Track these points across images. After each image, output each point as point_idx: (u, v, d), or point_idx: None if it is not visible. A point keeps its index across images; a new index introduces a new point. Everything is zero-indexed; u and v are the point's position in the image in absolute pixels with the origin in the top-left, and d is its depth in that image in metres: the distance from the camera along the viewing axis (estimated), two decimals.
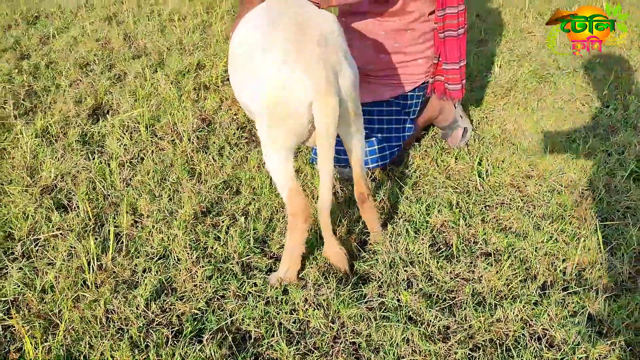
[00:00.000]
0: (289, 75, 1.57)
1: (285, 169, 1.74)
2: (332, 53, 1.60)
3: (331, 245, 1.82)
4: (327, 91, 1.55)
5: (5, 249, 2.01)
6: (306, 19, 1.68)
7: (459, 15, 2.22)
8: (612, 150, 2.50)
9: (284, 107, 1.61)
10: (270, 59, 1.63)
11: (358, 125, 1.79)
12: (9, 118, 2.84)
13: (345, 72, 1.63)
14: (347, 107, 1.67)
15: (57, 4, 4.66)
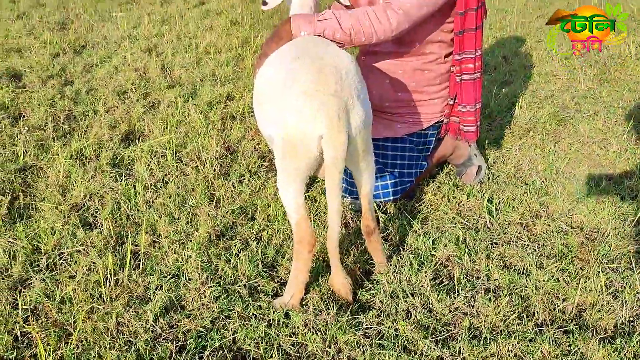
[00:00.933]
0: (304, 109, 1.66)
1: (295, 198, 1.82)
2: (346, 91, 1.69)
3: (337, 274, 1.88)
4: (337, 127, 1.63)
5: (31, 261, 2.15)
6: (325, 58, 1.78)
7: (475, 59, 2.30)
8: (625, 195, 2.51)
9: (296, 139, 1.70)
10: (288, 93, 1.73)
11: (367, 162, 1.86)
12: (48, 139, 3.03)
13: (357, 110, 1.72)
14: (356, 144, 1.75)
15: (103, 35, 4.96)
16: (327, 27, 1.99)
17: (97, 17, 5.49)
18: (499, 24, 5.24)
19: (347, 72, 1.73)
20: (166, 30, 5.05)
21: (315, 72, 1.69)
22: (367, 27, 2.02)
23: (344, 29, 2.00)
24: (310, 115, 1.64)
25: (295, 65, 1.76)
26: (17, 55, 4.36)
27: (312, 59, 1.76)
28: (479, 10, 2.21)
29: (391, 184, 2.41)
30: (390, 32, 2.04)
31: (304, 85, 1.67)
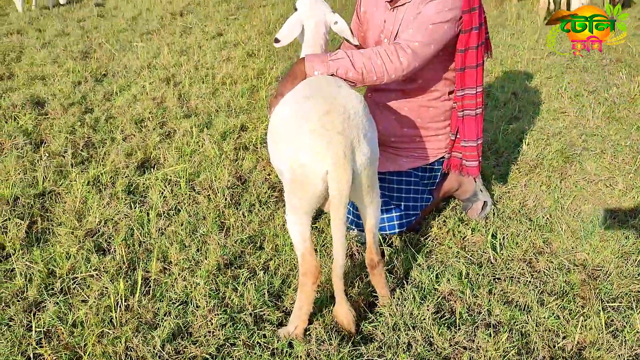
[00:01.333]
0: (312, 146, 1.75)
1: (301, 231, 1.89)
2: (352, 131, 1.77)
3: (341, 305, 1.93)
4: (342, 164, 1.71)
5: (46, 285, 2.22)
6: (335, 98, 1.87)
7: (477, 95, 2.37)
8: (630, 234, 2.54)
9: (304, 174, 1.78)
10: (298, 131, 1.81)
11: (372, 197, 1.93)
12: (66, 166, 3.14)
13: (362, 149, 1.79)
14: (361, 180, 1.82)
15: (124, 64, 5.13)
16: (340, 67, 2.07)
17: (119, 47, 5.68)
18: (510, 60, 5.33)
19: (355, 112, 1.81)
20: (184, 60, 5.20)
21: (324, 112, 1.77)
22: (379, 66, 2.10)
23: (356, 68, 2.08)
24: (318, 152, 1.72)
25: (307, 104, 1.85)
26: (41, 82, 4.52)
27: (323, 98, 1.85)
28: (480, 48, 2.29)
29: (396, 217, 2.47)
30: (402, 71, 2.12)
31: (313, 124, 1.76)
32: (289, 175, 1.86)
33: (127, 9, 7.44)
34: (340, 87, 2.00)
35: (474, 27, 2.22)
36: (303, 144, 1.76)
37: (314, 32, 2.31)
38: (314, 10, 2.32)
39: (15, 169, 3.04)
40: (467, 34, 2.24)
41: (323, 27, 2.32)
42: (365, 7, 2.55)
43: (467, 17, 2.20)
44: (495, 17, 7.17)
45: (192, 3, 7.88)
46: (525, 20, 7.06)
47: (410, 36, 2.14)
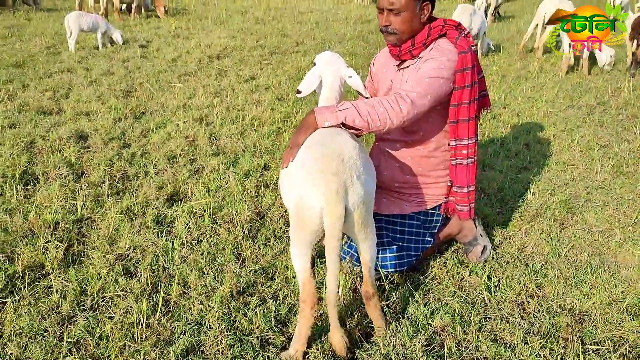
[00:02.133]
0: (310, 185, 2.00)
1: (301, 262, 2.12)
2: (346, 173, 2.01)
3: (335, 331, 2.13)
4: (335, 200, 1.94)
5: (78, 301, 2.49)
6: (333, 144, 2.12)
7: (468, 147, 2.59)
8: (619, 283, 2.68)
9: (303, 210, 2.02)
10: (299, 173, 2.08)
11: (366, 234, 2.14)
12: (103, 196, 3.45)
13: (355, 189, 2.02)
14: (354, 217, 2.04)
15: (162, 103, 5.52)
16: (347, 115, 2.31)
17: (158, 87, 6.09)
18: (527, 112, 5.53)
19: (349, 157, 2.05)
20: (217, 102, 5.56)
21: (320, 156, 2.04)
22: (382, 113, 2.33)
23: (362, 116, 2.31)
24: (314, 190, 1.97)
25: (308, 151, 2.12)
26: (85, 118, 4.92)
27: (321, 146, 2.11)
28: (472, 104, 2.51)
29: (398, 256, 2.67)
30: (402, 118, 2.34)
31: (310, 167, 2.02)
32: (293, 212, 2.11)
33: (168, 52, 7.94)
34: (339, 134, 2.22)
35: (467, 85, 2.46)
36: (302, 184, 2.02)
37: (330, 85, 2.58)
38: (330, 65, 2.60)
39: (58, 197, 3.36)
40: (461, 91, 2.48)
41: (338, 81, 2.58)
42: (377, 68, 2.83)
43: (460, 76, 2.45)
44: (518, 69, 7.41)
45: (229, 47, 8.34)
46: (547, 74, 7.26)
47: (410, 87, 2.39)
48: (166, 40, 8.95)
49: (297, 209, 2.06)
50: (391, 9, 2.48)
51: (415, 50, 2.53)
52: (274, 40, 9.08)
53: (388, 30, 2.54)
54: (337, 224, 1.95)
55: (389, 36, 2.56)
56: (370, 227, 2.15)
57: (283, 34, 9.81)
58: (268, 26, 10.79)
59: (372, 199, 2.17)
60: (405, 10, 2.48)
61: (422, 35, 2.51)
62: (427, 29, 2.51)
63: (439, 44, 2.51)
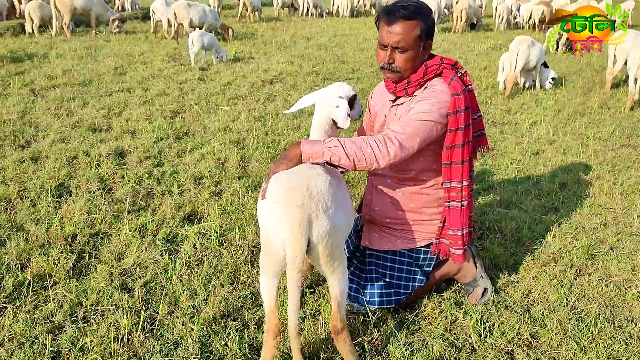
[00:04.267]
0: (274, 216, 2.02)
1: (267, 291, 2.14)
2: (311, 206, 2.01)
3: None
4: (297, 232, 1.95)
5: (72, 312, 2.61)
6: (302, 176, 2.13)
7: (462, 189, 2.51)
8: (622, 339, 2.49)
9: (268, 240, 2.05)
10: (267, 204, 2.10)
11: (334, 268, 2.11)
12: (123, 212, 3.62)
13: (321, 222, 2.01)
14: (319, 250, 2.03)
15: (205, 125, 5.72)
16: (333, 154, 2.29)
17: (206, 109, 6.33)
18: (574, 150, 5.28)
19: (317, 191, 2.05)
20: (258, 125, 5.70)
21: (287, 188, 2.05)
22: (369, 154, 2.31)
23: (348, 156, 2.29)
24: (278, 221, 1.99)
25: (277, 181, 2.14)
26: (129, 136, 5.19)
27: (290, 178, 2.12)
28: (466, 146, 2.43)
29: (385, 293, 2.62)
30: (389, 160, 2.32)
31: (276, 198, 2.04)
32: (262, 242, 2.12)
33: (225, 75, 8.24)
34: (313, 168, 2.21)
35: (460, 127, 2.39)
36: (269, 214, 2.04)
37: (320, 114, 2.58)
38: (327, 94, 2.59)
39: (81, 210, 3.56)
40: (454, 133, 2.41)
41: (327, 111, 2.57)
42: (374, 102, 2.82)
43: (453, 119, 2.38)
44: (576, 104, 7.09)
45: (285, 72, 8.54)
46: (609, 110, 6.91)
47: (399, 129, 2.36)
48: (226, 64, 9.29)
49: (263, 238, 2.09)
50: (396, 47, 2.46)
51: (410, 88, 2.50)
52: (330, 67, 9.21)
53: (391, 68, 2.50)
54: (297, 255, 1.95)
55: (391, 73, 2.53)
56: (339, 261, 2.13)
57: (342, 61, 9.93)
58: (329, 52, 10.96)
59: (342, 233, 2.15)
60: (411, 50, 2.45)
61: (418, 74, 2.48)
62: (424, 67, 2.48)
63: (432, 84, 2.46)
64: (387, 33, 2.45)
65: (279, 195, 2.06)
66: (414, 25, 2.41)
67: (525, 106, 7.09)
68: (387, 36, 2.45)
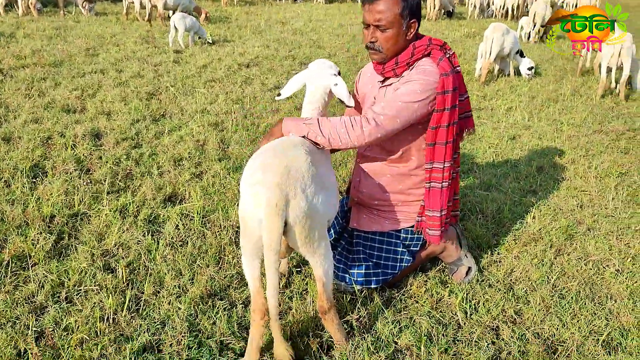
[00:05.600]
0: (251, 195, 1.97)
1: (250, 271, 2.10)
2: (290, 185, 1.96)
3: (279, 344, 2.09)
4: (272, 212, 1.89)
5: (53, 293, 2.55)
6: (283, 155, 2.08)
7: (444, 170, 2.51)
8: (603, 315, 2.56)
9: (245, 220, 2.01)
10: (245, 181, 2.06)
11: (314, 249, 2.08)
12: (102, 193, 3.54)
13: (298, 203, 1.95)
14: (295, 231, 1.99)
15: (181, 107, 5.63)
16: (310, 131, 2.31)
17: (183, 91, 6.23)
18: (549, 135, 5.37)
19: (297, 170, 1.99)
20: (236, 108, 5.64)
21: (265, 166, 2.00)
22: (342, 133, 2.31)
23: (323, 134, 2.30)
24: (254, 200, 1.94)
25: (256, 160, 2.10)
26: (105, 118, 5.07)
27: (271, 156, 2.08)
28: (451, 127, 2.44)
29: (373, 272, 2.63)
30: (363, 140, 2.32)
31: (255, 177, 1.99)
32: (240, 221, 2.08)
33: (200, 58, 8.11)
34: (295, 147, 2.17)
35: (447, 108, 2.40)
36: (246, 194, 2.00)
37: (313, 94, 2.56)
38: (318, 73, 2.56)
39: (58, 191, 3.47)
40: (440, 113, 2.41)
41: (322, 90, 2.55)
42: (363, 83, 2.80)
43: (440, 98, 2.39)
44: (549, 91, 7.21)
45: (261, 56, 8.46)
46: (581, 97, 7.05)
47: (379, 109, 2.35)
48: (201, 47, 9.15)
49: (240, 218, 2.05)
50: (377, 25, 2.45)
51: (398, 69, 2.50)
52: (306, 51, 9.16)
53: (374, 47, 2.50)
54: (274, 236, 1.90)
55: (374, 54, 2.52)
56: (318, 243, 2.08)
57: (318, 46, 9.88)
58: (305, 37, 10.89)
59: (323, 215, 2.09)
60: (392, 28, 2.44)
61: (406, 54, 2.47)
62: (412, 47, 2.47)
63: (421, 64, 2.46)
64: (368, 11, 2.44)
65: (256, 173, 2.01)
66: (395, 2, 2.40)
67: (500, 92, 7.19)
68: (368, 14, 2.45)
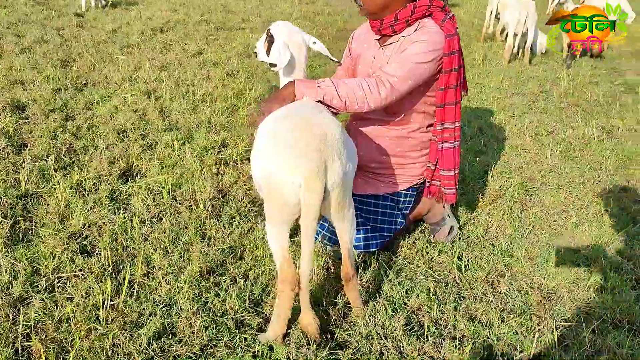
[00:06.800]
0: (288, 159, 1.89)
1: (279, 241, 2.01)
2: (328, 151, 1.91)
3: (306, 313, 2.05)
4: (315, 177, 1.84)
5: (31, 282, 2.29)
6: (314, 119, 2.03)
7: (455, 130, 2.57)
8: (580, 262, 2.77)
9: (279, 186, 1.91)
10: (276, 145, 1.95)
11: (344, 215, 2.06)
12: (49, 170, 3.20)
13: (335, 168, 1.92)
14: (331, 197, 1.95)
15: (105, 75, 5.20)
16: (326, 93, 2.24)
17: (99, 58, 5.74)
18: (476, 97, 5.64)
19: (332, 135, 1.95)
20: (165, 76, 5.31)
21: (302, 130, 1.93)
22: (360, 97, 2.28)
23: (340, 97, 2.25)
24: (293, 165, 1.86)
25: (286, 123, 2.01)
26: (20, 87, 4.55)
27: (302, 119, 2.01)
28: (458, 87, 2.50)
29: (371, 236, 2.63)
30: (380, 102, 2.31)
31: (290, 140, 1.91)
32: (266, 188, 1.98)
33: (106, 22, 7.51)
34: (321, 112, 2.14)
35: (454, 69, 2.43)
36: (280, 158, 1.90)
37: (298, 55, 2.45)
38: (293, 35, 2.46)
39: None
40: (448, 74, 2.44)
41: (305, 49, 2.46)
42: (357, 44, 2.74)
43: (447, 60, 2.42)
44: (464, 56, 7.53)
45: (172, 21, 8.00)
46: (491, 61, 7.44)
47: (392, 70, 2.33)
48: (104, 10, 8.46)
49: (270, 183, 1.94)
50: None
51: (397, 25, 2.47)
52: (219, 16, 8.80)
53: (356, 1, 2.48)
54: (316, 202, 1.85)
55: (360, 11, 2.50)
56: (348, 208, 2.07)
57: (227, 10, 9.52)
58: (212, 1, 10.43)
59: (352, 180, 2.08)
60: None
61: (405, 11, 2.45)
62: (412, 6, 2.45)
63: (424, 24, 2.45)
64: None
65: (292, 137, 1.92)
66: None
67: None
68: None
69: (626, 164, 4.14)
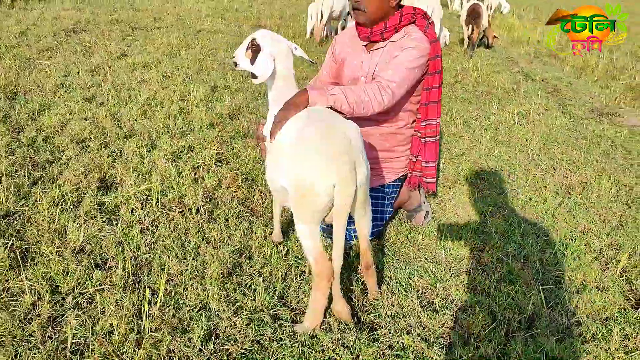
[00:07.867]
0: (319, 163, 2.05)
1: (312, 238, 2.17)
2: (354, 153, 2.11)
3: (338, 302, 2.26)
4: (348, 178, 2.04)
5: (56, 301, 2.27)
6: (337, 123, 2.21)
7: (436, 126, 2.87)
8: (540, 233, 3.20)
9: (310, 190, 2.06)
10: (306, 151, 2.10)
11: (366, 209, 2.28)
12: (23, 186, 3.08)
13: (361, 167, 2.14)
14: (358, 196, 2.16)
15: (33, 81, 4.95)
16: (336, 100, 2.41)
17: (20, 64, 5.42)
18: None
19: (355, 138, 2.16)
20: (100, 80, 5.15)
21: (328, 136, 2.11)
22: (367, 102, 2.48)
23: (349, 103, 2.44)
24: (324, 169, 2.04)
25: (311, 129, 2.16)
26: None
27: (327, 125, 2.18)
28: (439, 87, 2.80)
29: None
30: (383, 106, 2.53)
31: (319, 145, 2.08)
32: (296, 191, 2.13)
33: (10, 23, 7.03)
34: (338, 117, 2.32)
35: (437, 71, 2.72)
36: (313, 164, 2.06)
37: (285, 63, 2.50)
38: (277, 44, 2.50)
39: None
40: (432, 76, 2.73)
41: (291, 57, 2.53)
42: (340, 49, 2.94)
43: (432, 63, 2.70)
44: None
45: (82, 21, 7.65)
46: None
47: (390, 77, 2.57)
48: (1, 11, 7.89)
49: (304, 188, 2.07)
50: None
51: (386, 33, 2.70)
52: (128, 15, 8.52)
53: (359, 7, 2.67)
54: (349, 201, 2.05)
55: (359, 15, 2.69)
56: (369, 203, 2.29)
57: (134, 8, 9.23)
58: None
59: (370, 176, 2.30)
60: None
61: (394, 19, 2.69)
62: (399, 14, 2.70)
63: (410, 31, 2.70)
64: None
65: (321, 142, 2.08)
66: None
67: None
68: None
69: (546, 145, 4.71)
